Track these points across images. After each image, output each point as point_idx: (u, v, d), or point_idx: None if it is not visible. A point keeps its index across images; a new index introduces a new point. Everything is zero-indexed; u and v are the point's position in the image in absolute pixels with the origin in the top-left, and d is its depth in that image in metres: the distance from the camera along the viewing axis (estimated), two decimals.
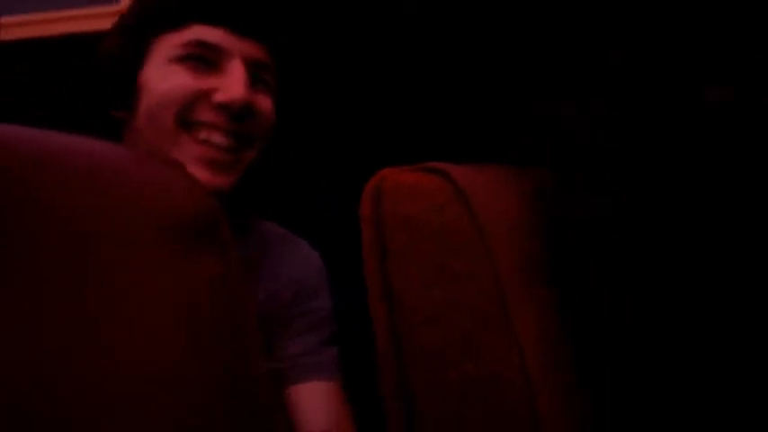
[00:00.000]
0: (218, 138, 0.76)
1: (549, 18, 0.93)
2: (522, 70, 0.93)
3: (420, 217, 0.59)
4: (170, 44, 0.79)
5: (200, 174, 0.76)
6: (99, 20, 1.54)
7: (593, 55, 0.83)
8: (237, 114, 0.77)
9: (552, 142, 0.70)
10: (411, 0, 1.06)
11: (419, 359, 0.57)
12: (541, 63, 0.92)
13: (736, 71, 0.66)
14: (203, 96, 0.77)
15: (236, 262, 0.44)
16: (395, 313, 0.59)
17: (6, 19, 1.48)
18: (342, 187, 1.06)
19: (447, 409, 0.55)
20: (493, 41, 0.98)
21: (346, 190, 1.03)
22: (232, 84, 0.77)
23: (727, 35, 0.67)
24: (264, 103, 0.81)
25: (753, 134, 0.64)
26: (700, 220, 0.63)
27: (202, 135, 0.76)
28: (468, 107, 1.00)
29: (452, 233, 0.57)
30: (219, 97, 0.76)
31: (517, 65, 0.93)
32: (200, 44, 0.78)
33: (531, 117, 0.87)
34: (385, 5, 1.08)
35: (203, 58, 0.78)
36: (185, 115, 0.76)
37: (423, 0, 1.06)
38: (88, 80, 0.87)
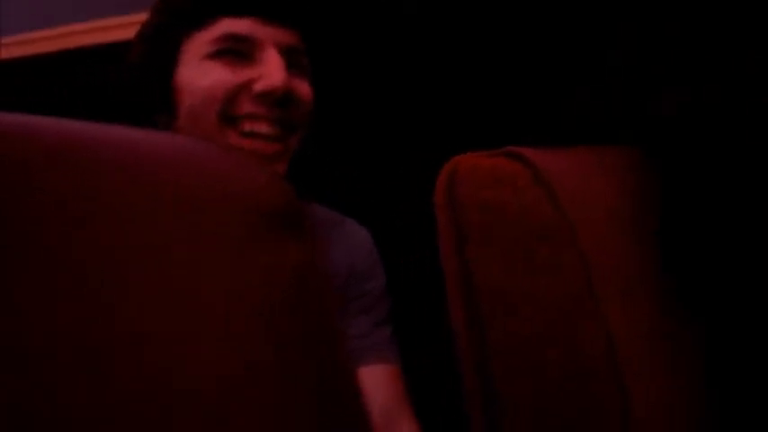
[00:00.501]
0: (263, 128, 0.77)
1: (550, 17, 0.92)
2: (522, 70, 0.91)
3: (499, 202, 0.57)
4: (202, 42, 0.79)
5: None
6: (110, 31, 1.55)
7: (593, 54, 0.81)
8: (279, 101, 0.77)
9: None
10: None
11: (501, 345, 0.55)
12: (541, 62, 0.90)
13: (736, 72, 0.63)
14: (243, 89, 0.77)
15: (318, 249, 0.43)
16: (474, 299, 0.57)
17: (7, 38, 1.51)
18: (407, 177, 1.05)
19: (530, 396, 0.53)
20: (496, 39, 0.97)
21: (412, 180, 1.03)
22: (270, 71, 0.77)
23: (727, 35, 0.64)
24: (302, 87, 0.81)
25: (752, 135, 0.61)
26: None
27: (247, 127, 0.76)
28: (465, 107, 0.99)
29: (534, 218, 0.55)
30: (260, 86, 0.76)
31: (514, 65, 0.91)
32: (232, 37, 0.78)
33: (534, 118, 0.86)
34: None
35: (237, 51, 0.78)
36: (228, 110, 0.77)
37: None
38: (120, 90, 0.88)
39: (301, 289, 0.40)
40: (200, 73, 0.78)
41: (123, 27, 1.53)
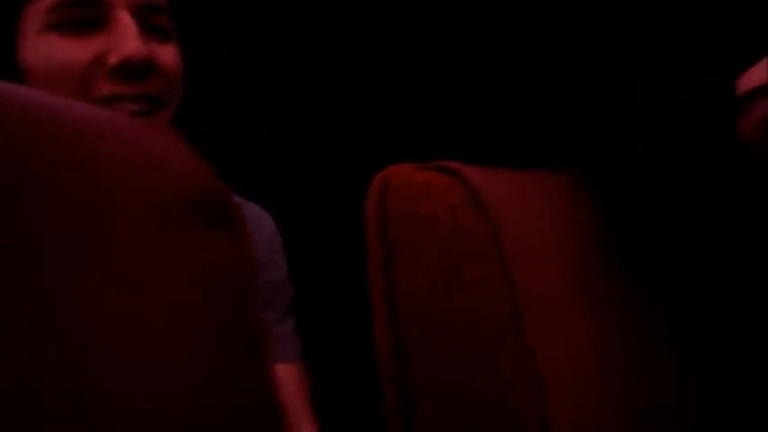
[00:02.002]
0: (128, 107, 0.67)
1: (548, 11, 0.92)
2: (523, 63, 0.91)
3: (430, 217, 0.56)
4: (41, 10, 0.68)
5: None
6: None
7: (594, 47, 0.82)
8: (137, 72, 0.67)
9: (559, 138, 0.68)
10: None
11: (422, 364, 0.54)
12: (542, 56, 0.90)
13: (737, 64, 0.64)
14: (95, 65, 0.67)
15: (249, 242, 0.40)
16: (398, 315, 0.56)
17: None
18: (344, 180, 1.03)
19: (449, 417, 0.52)
20: (493, 36, 0.97)
21: (349, 184, 1.00)
22: (122, 39, 0.66)
23: (729, 28, 0.66)
24: (166, 52, 0.71)
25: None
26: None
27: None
28: (468, 103, 0.98)
29: (465, 237, 0.55)
30: (113, 59, 0.66)
31: (517, 58, 0.91)
32: (72, 2, 0.67)
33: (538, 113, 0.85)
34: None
35: (82, 19, 0.67)
36: (84, 94, 0.67)
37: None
38: None
39: (226, 282, 0.38)
40: (43, 50, 0.67)
41: None
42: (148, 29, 0.70)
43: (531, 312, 0.53)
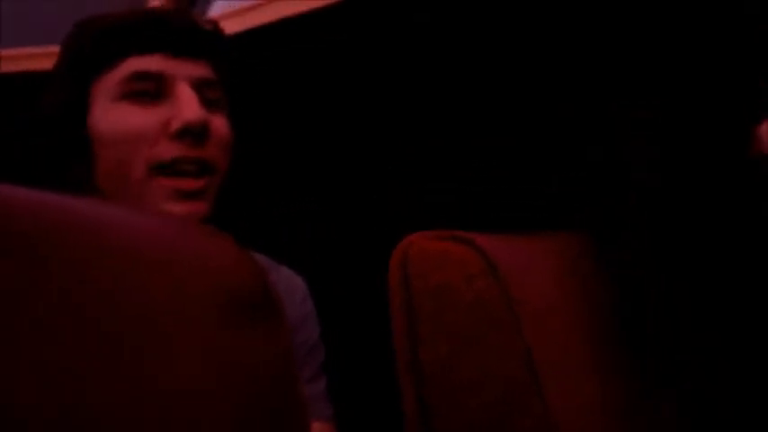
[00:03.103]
0: (186, 167, 0.75)
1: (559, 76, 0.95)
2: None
3: (449, 287, 0.60)
4: (111, 83, 0.76)
5: (175, 207, 0.73)
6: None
7: (601, 108, 0.85)
8: (197, 136, 0.74)
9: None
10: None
11: (447, 425, 0.58)
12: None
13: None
14: (160, 131, 0.74)
15: (288, 335, 0.44)
16: (423, 379, 0.60)
17: None
18: (367, 248, 1.07)
19: None
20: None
21: (372, 250, 1.04)
22: (183, 107, 0.74)
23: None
24: (218, 121, 0.79)
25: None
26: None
27: (171, 172, 0.74)
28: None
29: (484, 305, 0.59)
30: (176, 125, 0.74)
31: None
32: (141, 75, 0.76)
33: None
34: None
35: (146, 91, 0.76)
36: (149, 157, 0.74)
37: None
38: (36, 130, 0.83)
39: (269, 374, 0.42)
40: (114, 118, 0.75)
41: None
42: (204, 100, 0.77)
43: (547, 375, 0.57)
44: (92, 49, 0.77)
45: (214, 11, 1.50)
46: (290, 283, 0.90)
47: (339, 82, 1.14)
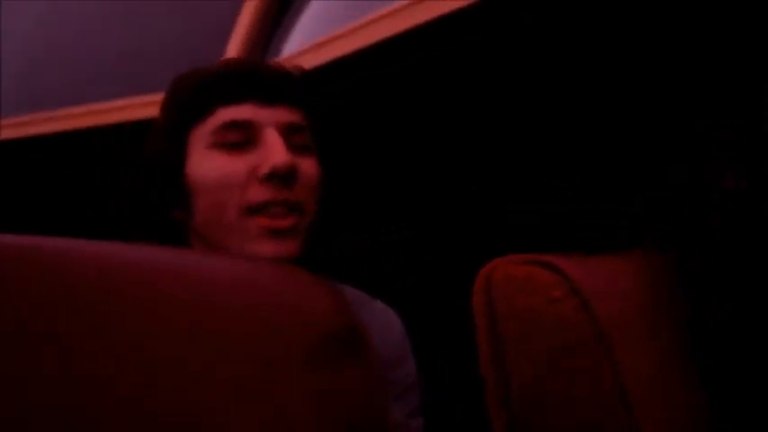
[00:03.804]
0: (275, 210, 0.78)
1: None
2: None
3: (533, 311, 0.61)
4: (204, 133, 0.80)
5: (266, 248, 0.76)
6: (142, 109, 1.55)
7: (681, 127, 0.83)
8: (284, 179, 0.77)
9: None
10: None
11: None
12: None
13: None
14: (250, 176, 0.78)
15: (379, 370, 0.45)
16: (511, 404, 0.60)
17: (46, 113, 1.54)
18: (452, 269, 1.08)
19: None
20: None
21: (457, 273, 1.05)
22: (270, 152, 0.78)
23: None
24: (307, 164, 0.82)
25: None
26: None
27: (263, 214, 0.77)
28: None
29: (568, 329, 0.59)
30: (264, 169, 0.77)
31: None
32: (231, 125, 0.79)
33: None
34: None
35: (238, 140, 0.79)
36: (241, 201, 0.77)
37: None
38: (140, 181, 0.88)
39: (362, 410, 0.43)
40: (208, 165, 0.79)
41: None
42: (292, 145, 0.81)
43: (637, 397, 0.57)
44: (187, 101, 0.82)
45: (287, 51, 1.54)
46: (385, 318, 0.92)
47: (421, 106, 1.16)
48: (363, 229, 1.20)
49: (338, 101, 1.25)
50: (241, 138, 0.79)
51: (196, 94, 0.82)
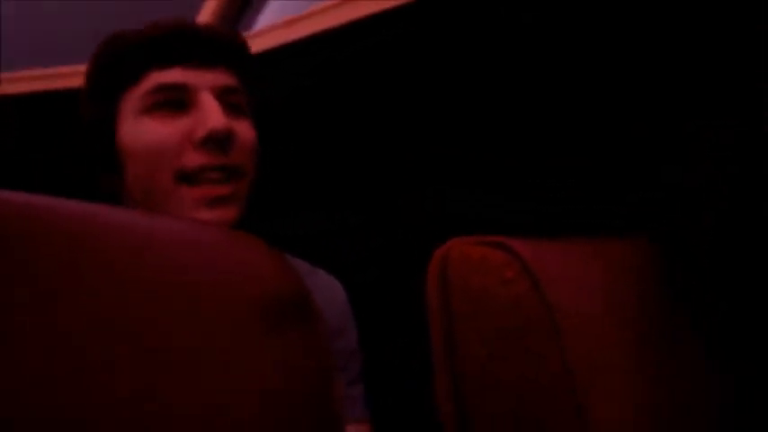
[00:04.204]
0: (212, 175, 0.76)
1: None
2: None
3: (486, 290, 0.61)
4: (135, 97, 0.78)
5: (204, 215, 0.75)
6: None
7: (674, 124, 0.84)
8: (221, 143, 0.76)
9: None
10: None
11: (483, 427, 0.58)
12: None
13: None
14: (185, 140, 0.76)
15: (324, 335, 0.45)
16: (459, 380, 0.60)
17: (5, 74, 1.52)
18: (409, 250, 1.08)
19: None
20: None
21: (413, 253, 1.05)
22: (207, 116, 0.76)
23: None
24: (242, 127, 0.80)
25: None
26: None
27: (197, 181, 0.76)
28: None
29: (519, 309, 0.59)
30: (200, 133, 0.76)
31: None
32: (164, 88, 0.77)
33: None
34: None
35: (171, 102, 0.77)
36: (175, 167, 0.76)
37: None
38: (74, 143, 0.86)
39: (308, 375, 0.43)
40: (139, 130, 0.77)
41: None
42: (227, 107, 0.80)
43: (584, 379, 0.57)
44: (116, 65, 0.80)
45: (262, 23, 1.53)
46: (329, 288, 0.91)
47: (389, 85, 1.16)
48: (315, 210, 1.20)
49: (305, 79, 1.24)
50: (174, 101, 0.78)
51: (126, 57, 0.79)
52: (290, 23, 1.33)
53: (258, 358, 0.41)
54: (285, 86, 0.90)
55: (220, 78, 0.80)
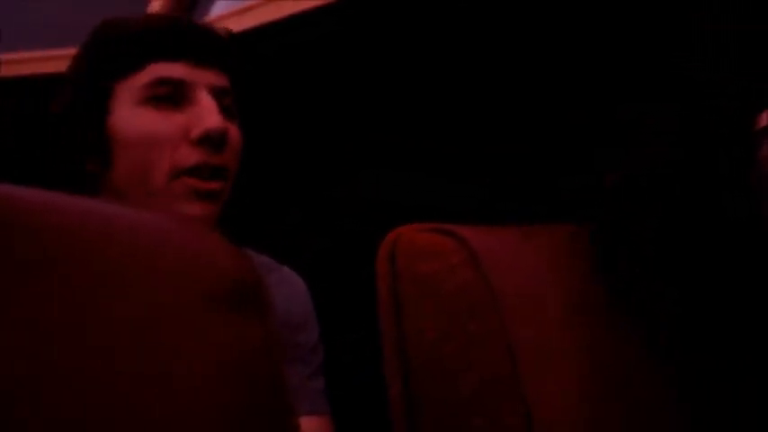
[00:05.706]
0: (205, 173, 0.78)
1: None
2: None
3: (434, 276, 0.63)
4: (134, 87, 0.78)
5: (192, 208, 0.76)
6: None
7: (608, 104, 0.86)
8: (217, 144, 0.77)
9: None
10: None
11: (430, 409, 0.61)
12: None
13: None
14: (181, 137, 0.77)
15: (275, 326, 0.46)
16: (408, 364, 0.63)
17: None
18: (357, 238, 1.10)
19: None
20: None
21: (362, 241, 1.06)
22: (205, 114, 0.77)
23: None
24: (233, 129, 0.82)
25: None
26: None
27: (192, 176, 0.77)
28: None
29: (465, 295, 0.61)
30: (197, 131, 0.77)
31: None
32: (163, 82, 0.78)
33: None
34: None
35: (169, 96, 0.78)
36: (170, 162, 0.76)
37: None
38: (51, 129, 0.85)
39: (258, 365, 0.44)
40: (135, 121, 0.77)
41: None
42: (222, 108, 0.80)
43: (527, 364, 0.60)
44: (115, 52, 0.80)
45: (215, 12, 1.52)
46: (292, 284, 0.93)
47: (335, 78, 1.17)
48: (271, 197, 1.21)
49: (260, 68, 1.24)
50: (172, 96, 0.78)
51: (129, 45, 0.79)
52: (244, 11, 1.33)
53: (205, 342, 0.42)
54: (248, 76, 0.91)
55: (216, 78, 0.81)
